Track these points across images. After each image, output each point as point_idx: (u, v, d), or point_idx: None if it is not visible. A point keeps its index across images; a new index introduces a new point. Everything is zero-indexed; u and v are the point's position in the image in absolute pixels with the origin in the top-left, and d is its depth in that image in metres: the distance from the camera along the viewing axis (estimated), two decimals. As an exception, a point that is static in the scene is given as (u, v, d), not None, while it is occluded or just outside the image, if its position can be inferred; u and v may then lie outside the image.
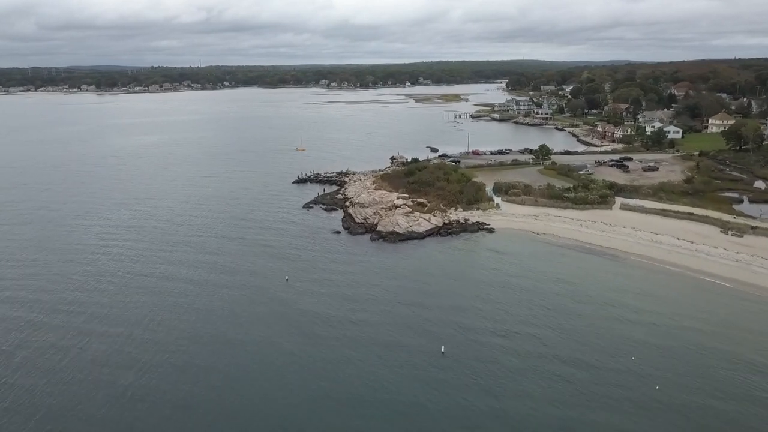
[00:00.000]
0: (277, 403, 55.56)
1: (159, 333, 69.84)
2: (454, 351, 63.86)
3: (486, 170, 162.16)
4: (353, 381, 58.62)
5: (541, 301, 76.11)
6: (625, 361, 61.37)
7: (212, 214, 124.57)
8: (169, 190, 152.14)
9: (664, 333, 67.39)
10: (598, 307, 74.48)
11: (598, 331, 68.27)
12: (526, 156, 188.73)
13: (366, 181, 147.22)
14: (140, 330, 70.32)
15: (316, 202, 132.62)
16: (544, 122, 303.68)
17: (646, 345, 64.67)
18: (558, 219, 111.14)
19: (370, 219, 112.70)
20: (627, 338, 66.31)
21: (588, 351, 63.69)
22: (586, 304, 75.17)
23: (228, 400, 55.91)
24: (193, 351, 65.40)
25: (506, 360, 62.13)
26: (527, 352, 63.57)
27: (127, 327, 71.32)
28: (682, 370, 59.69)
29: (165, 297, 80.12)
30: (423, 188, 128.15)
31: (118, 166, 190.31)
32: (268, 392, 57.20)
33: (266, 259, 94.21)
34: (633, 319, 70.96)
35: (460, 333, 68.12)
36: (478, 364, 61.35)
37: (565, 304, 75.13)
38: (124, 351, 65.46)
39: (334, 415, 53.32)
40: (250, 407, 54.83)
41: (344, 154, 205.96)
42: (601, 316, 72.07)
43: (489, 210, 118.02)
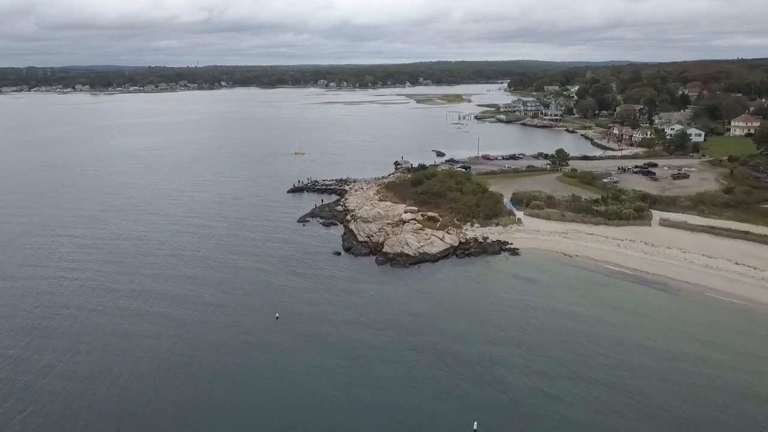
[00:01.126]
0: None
1: (112, 400, 55.47)
2: (491, 426, 49.66)
3: (499, 177, 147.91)
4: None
5: (592, 350, 61.80)
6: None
7: (197, 230, 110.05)
8: (154, 199, 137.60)
9: (757, 396, 53.26)
10: (663, 358, 60.21)
11: (670, 393, 54.04)
12: (541, 161, 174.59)
13: (368, 191, 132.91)
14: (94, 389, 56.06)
15: (313, 215, 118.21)
16: (553, 124, 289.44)
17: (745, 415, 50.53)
18: (590, 237, 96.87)
19: (375, 237, 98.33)
20: (717, 405, 52.12)
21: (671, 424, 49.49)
22: (648, 355, 60.80)
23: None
24: (144, 418, 51.14)
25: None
26: (588, 426, 49.38)
27: (87, 383, 57.06)
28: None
29: (129, 343, 65.75)
30: (433, 200, 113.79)
31: (100, 172, 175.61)
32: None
33: (254, 289, 79.68)
34: (713, 376, 56.74)
35: (496, 396, 53.82)
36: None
37: (622, 356, 60.70)
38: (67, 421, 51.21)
39: None
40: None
41: (345, 159, 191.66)
42: (670, 371, 57.85)
43: (510, 226, 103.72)
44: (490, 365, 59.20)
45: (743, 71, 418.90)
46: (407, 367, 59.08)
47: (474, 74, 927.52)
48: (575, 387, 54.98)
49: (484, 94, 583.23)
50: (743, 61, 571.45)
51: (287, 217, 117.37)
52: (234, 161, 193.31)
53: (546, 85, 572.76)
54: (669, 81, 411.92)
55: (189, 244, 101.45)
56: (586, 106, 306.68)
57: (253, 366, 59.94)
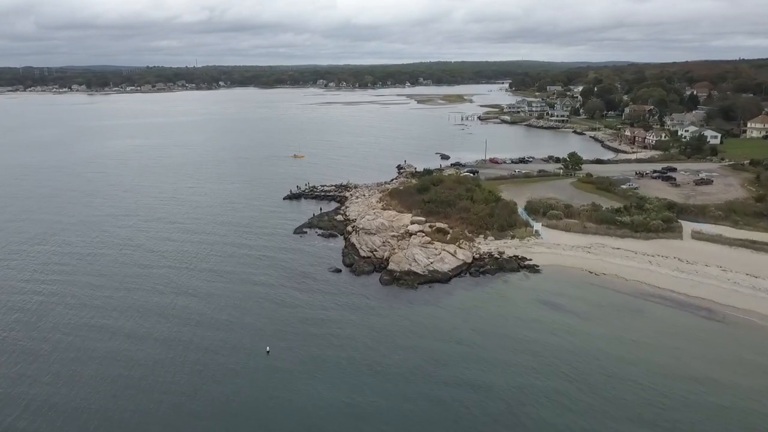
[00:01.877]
0: None
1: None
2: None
3: (510, 183, 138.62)
4: None
5: (640, 386, 52.68)
6: None
7: (185, 242, 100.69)
8: (142, 206, 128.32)
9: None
10: (722, 394, 51.06)
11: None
12: (552, 165, 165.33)
13: (371, 198, 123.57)
14: None
15: (311, 225, 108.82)
16: (559, 125, 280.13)
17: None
18: (617, 252, 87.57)
19: (379, 252, 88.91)
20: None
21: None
22: (709, 392, 51.70)
23: None
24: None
25: None
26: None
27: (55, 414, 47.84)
28: None
29: (104, 369, 56.47)
30: (442, 209, 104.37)
31: (87, 176, 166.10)
32: None
33: (243, 316, 70.17)
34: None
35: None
36: None
37: (675, 391, 51.64)
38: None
39: None
40: None
41: (345, 162, 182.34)
42: (733, 409, 48.67)
43: (527, 238, 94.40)
44: (522, 403, 50.05)
45: (751, 71, 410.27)
46: (419, 421, 49.82)
47: (474, 74, 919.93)
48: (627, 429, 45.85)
49: (485, 95, 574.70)
50: (746, 62, 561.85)
51: (283, 228, 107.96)
52: (229, 165, 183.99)
53: (548, 85, 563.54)
54: (674, 81, 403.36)
55: (174, 258, 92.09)
56: (593, 107, 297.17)
57: (235, 412, 50.69)
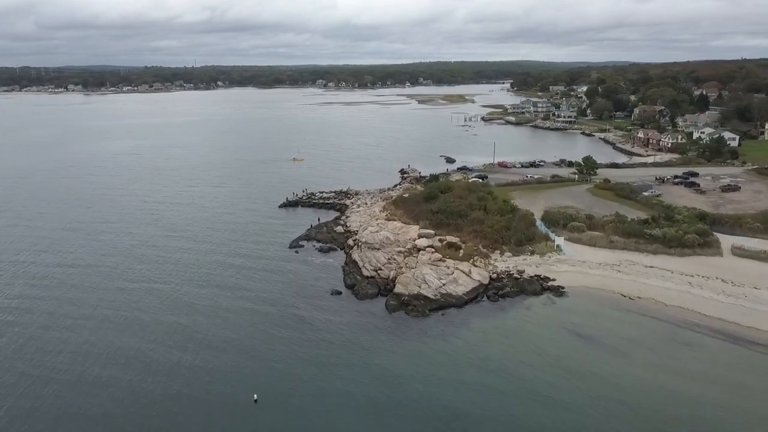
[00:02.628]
0: None
1: None
2: None
3: (522, 189, 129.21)
4: None
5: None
6: None
7: (172, 256, 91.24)
8: (131, 212, 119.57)
9: None
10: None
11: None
12: (564, 169, 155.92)
13: (373, 206, 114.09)
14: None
15: (309, 238, 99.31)
16: (567, 126, 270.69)
17: None
18: (651, 272, 78.18)
19: (384, 271, 79.46)
20: None
21: None
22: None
23: None
24: None
25: None
26: None
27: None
28: None
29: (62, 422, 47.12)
30: (453, 220, 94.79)
31: (74, 181, 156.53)
32: None
33: (227, 353, 60.55)
34: None
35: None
36: None
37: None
38: None
39: None
40: None
41: (345, 166, 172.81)
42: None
43: (548, 254, 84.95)
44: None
45: (758, 71, 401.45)
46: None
47: (474, 74, 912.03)
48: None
49: (486, 95, 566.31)
50: (749, 61, 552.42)
51: (277, 240, 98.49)
52: (225, 168, 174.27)
53: (551, 85, 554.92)
54: (680, 81, 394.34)
55: (157, 273, 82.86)
56: (601, 108, 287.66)
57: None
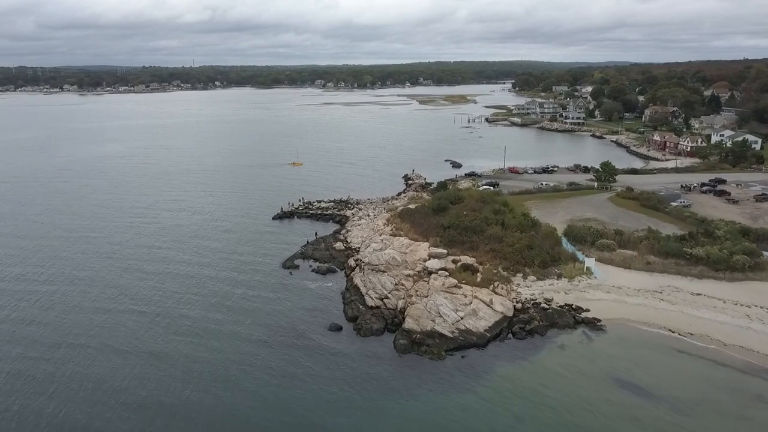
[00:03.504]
0: None
1: None
2: None
3: (538, 199, 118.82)
4: None
5: None
6: None
7: (150, 278, 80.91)
8: (113, 224, 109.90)
9: None
10: None
11: None
12: (580, 176, 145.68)
13: (376, 219, 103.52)
14: None
15: (305, 256, 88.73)
16: (575, 128, 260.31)
17: None
18: (699, 300, 67.77)
19: (392, 300, 68.96)
20: None
21: None
22: None
23: None
24: None
25: None
26: None
27: None
28: None
29: None
30: (467, 237, 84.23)
31: (57, 187, 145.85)
32: None
33: (203, 409, 50.23)
34: None
35: None
36: None
37: None
38: None
39: None
40: None
41: (345, 171, 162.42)
42: None
43: (577, 278, 74.53)
44: None
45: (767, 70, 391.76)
46: None
47: (475, 74, 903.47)
48: None
49: (488, 95, 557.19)
50: (748, 61, 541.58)
51: (269, 259, 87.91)
52: (217, 174, 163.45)
53: (554, 85, 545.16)
54: (687, 81, 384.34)
55: (131, 298, 72.56)
56: (610, 109, 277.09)
57: None
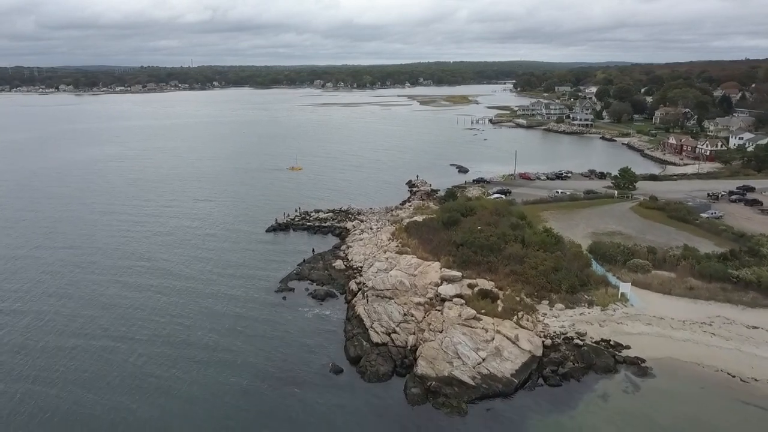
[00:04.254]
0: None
1: None
2: None
3: (554, 208, 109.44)
4: None
5: None
6: None
7: (127, 301, 71.63)
8: (95, 235, 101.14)
9: None
10: None
11: None
12: (596, 182, 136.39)
13: (380, 233, 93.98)
14: None
15: (300, 277, 79.18)
16: (584, 130, 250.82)
17: None
18: (757, 335, 58.26)
19: (400, 335, 59.46)
20: None
21: None
22: None
23: None
24: None
25: None
26: None
27: None
28: None
29: None
30: (483, 257, 74.76)
31: (40, 192, 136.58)
32: None
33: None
34: None
35: None
36: None
37: None
38: None
39: None
40: None
41: (346, 177, 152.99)
42: None
43: (611, 306, 65.13)
44: None
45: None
46: None
47: (475, 75, 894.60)
48: None
49: (490, 95, 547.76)
50: (751, 62, 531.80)
51: (261, 282, 78.44)
52: (211, 180, 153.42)
53: (556, 85, 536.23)
54: (693, 81, 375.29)
55: (105, 324, 63.18)
56: (619, 110, 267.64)
57: None
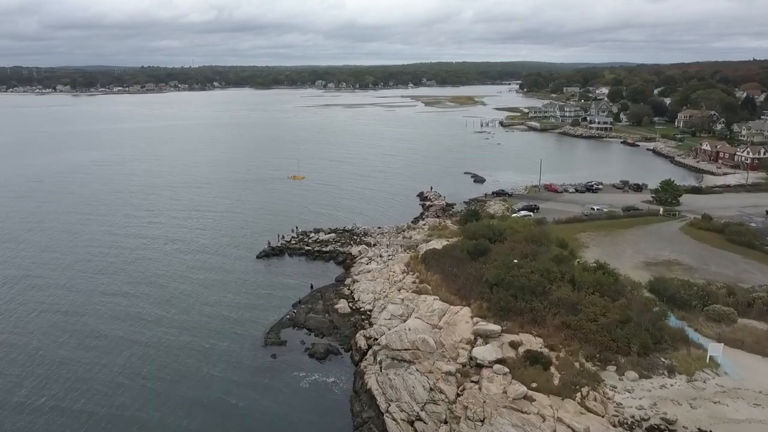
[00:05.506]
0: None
1: None
2: None
3: (592, 229, 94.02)
4: None
5: None
6: None
7: (81, 355, 56.82)
8: (62, 257, 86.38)
9: None
10: None
11: None
12: (631, 195, 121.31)
13: (393, 265, 78.42)
14: None
15: (295, 324, 63.85)
16: (603, 134, 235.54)
17: None
18: None
19: (428, 424, 44.10)
20: None
21: None
22: None
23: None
24: None
25: None
26: None
27: None
28: None
29: None
30: (526, 302, 59.33)
31: (8, 205, 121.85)
32: None
33: None
34: None
35: None
36: None
37: None
38: None
39: None
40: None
41: (350, 186, 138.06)
42: None
43: (698, 373, 50.04)
44: None
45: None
46: None
47: (479, 75, 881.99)
48: None
49: (495, 96, 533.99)
50: (759, 62, 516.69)
51: (246, 328, 63.23)
52: (202, 191, 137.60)
53: (564, 86, 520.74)
54: (710, 82, 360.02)
55: (50, 383, 48.21)
56: (639, 112, 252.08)
57: None
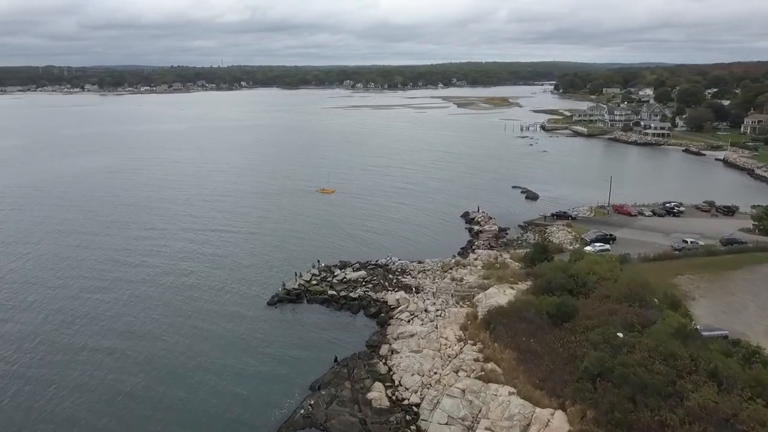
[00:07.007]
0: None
1: None
2: None
3: (690, 271, 74.00)
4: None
5: None
6: None
7: None
8: (43, 291, 69.37)
9: None
10: None
11: None
12: (722, 221, 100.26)
13: (444, 327, 59.57)
14: None
15: (314, 422, 45.63)
16: (660, 141, 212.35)
17: None
18: None
19: None
20: None
21: None
22: None
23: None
24: None
25: None
26: None
27: None
28: None
29: None
30: (651, 409, 40.18)
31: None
32: None
33: None
34: None
35: None
36: None
37: None
38: None
39: None
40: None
41: (386, 204, 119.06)
42: None
43: None
44: None
45: None
46: None
47: (510, 75, 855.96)
48: None
49: (530, 97, 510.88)
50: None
51: (243, 430, 45.61)
52: (217, 205, 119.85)
53: (603, 86, 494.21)
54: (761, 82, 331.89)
55: None
56: (699, 117, 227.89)
57: None
